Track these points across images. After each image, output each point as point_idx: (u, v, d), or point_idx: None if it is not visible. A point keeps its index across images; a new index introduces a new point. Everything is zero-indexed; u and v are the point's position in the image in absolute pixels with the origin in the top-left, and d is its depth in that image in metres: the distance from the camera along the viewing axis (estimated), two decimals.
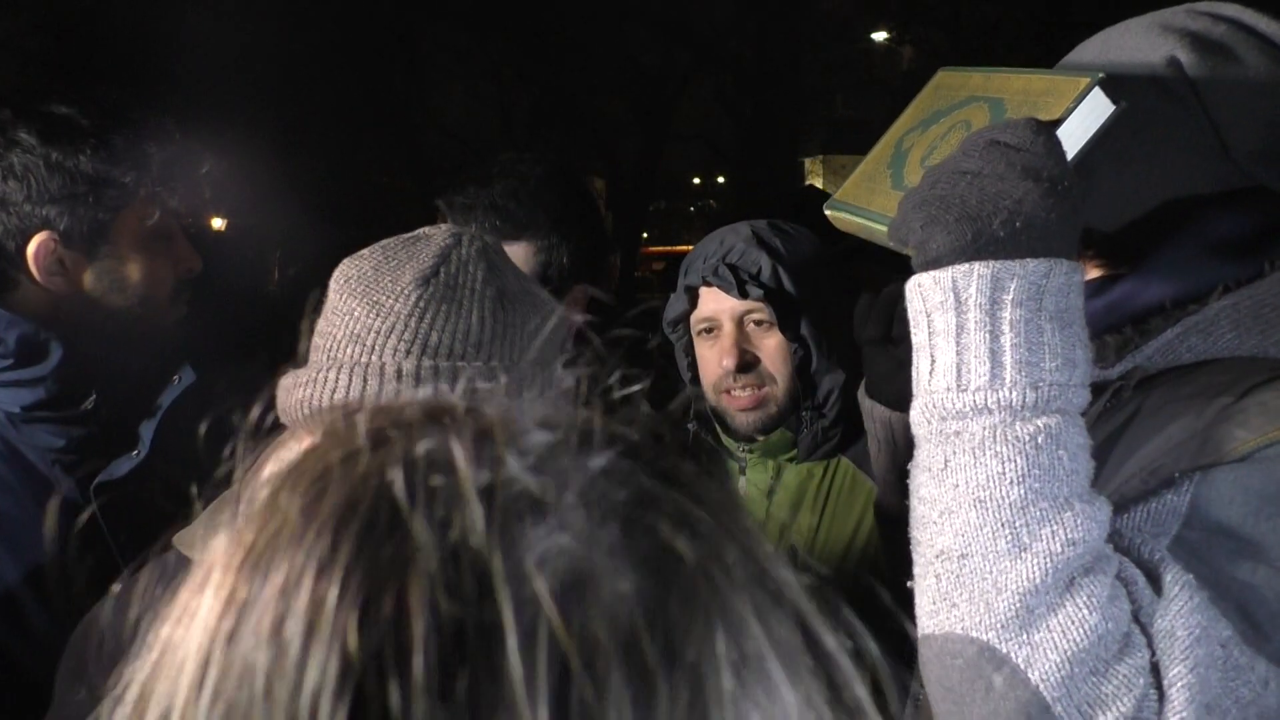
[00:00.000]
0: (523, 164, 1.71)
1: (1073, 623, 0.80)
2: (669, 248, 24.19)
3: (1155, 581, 0.84)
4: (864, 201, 1.09)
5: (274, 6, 11.63)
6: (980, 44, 13.95)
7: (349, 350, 0.94)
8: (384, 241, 1.04)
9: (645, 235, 20.08)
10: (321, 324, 1.00)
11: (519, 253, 1.63)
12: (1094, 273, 1.07)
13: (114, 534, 1.45)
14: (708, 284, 1.64)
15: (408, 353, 0.92)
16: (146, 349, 1.47)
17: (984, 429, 0.84)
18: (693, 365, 1.74)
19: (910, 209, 0.91)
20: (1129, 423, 0.99)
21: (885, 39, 17.01)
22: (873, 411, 1.26)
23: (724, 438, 1.73)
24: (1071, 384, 0.85)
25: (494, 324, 0.95)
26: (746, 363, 1.63)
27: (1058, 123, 0.93)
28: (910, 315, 0.91)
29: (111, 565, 1.45)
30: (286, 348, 1.03)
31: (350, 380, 0.92)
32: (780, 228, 1.70)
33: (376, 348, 0.93)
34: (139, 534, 1.48)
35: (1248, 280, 0.99)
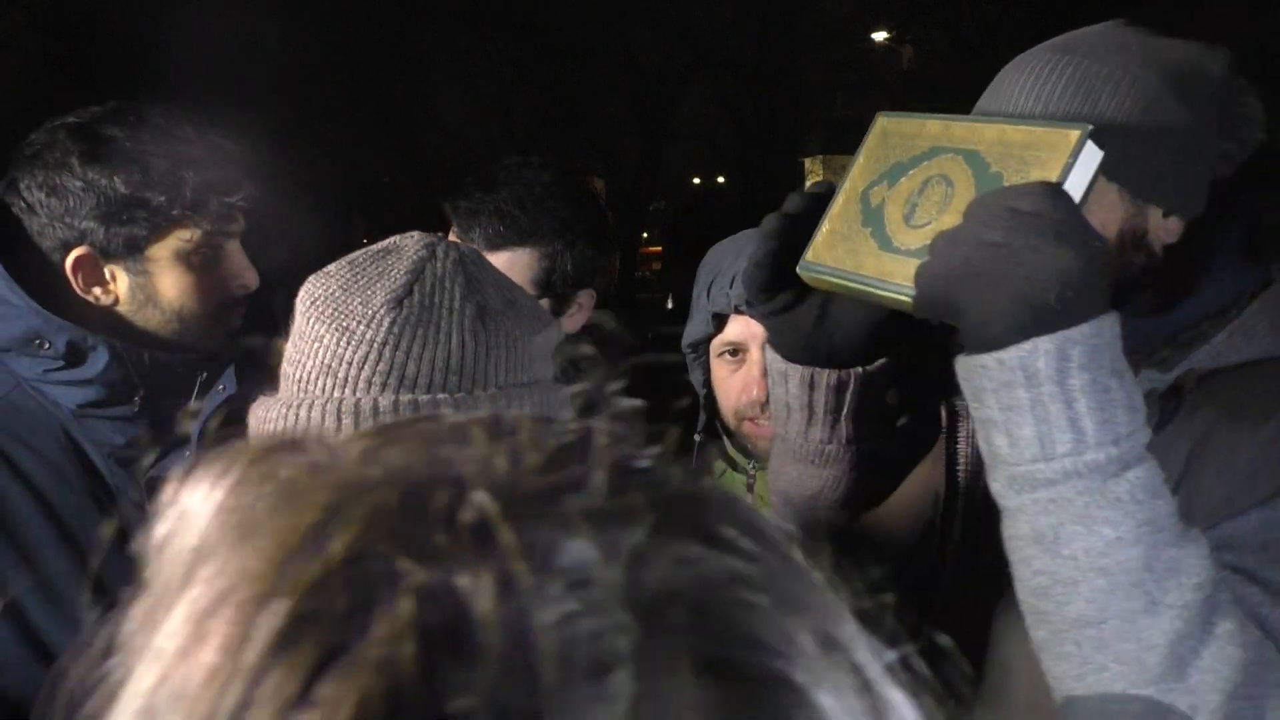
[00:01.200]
0: (529, 169, 1.70)
1: (1220, 660, 0.85)
2: None
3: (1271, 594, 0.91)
4: (849, 265, 1.07)
5: (274, 7, 11.63)
6: (980, 44, 13.95)
7: (320, 383, 0.88)
8: (352, 256, 0.96)
9: (645, 235, 20.08)
10: (289, 349, 0.93)
11: (522, 259, 1.62)
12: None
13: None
14: (739, 312, 1.56)
15: (383, 386, 0.86)
16: (191, 359, 1.54)
17: (1080, 495, 0.87)
18: (707, 383, 1.67)
19: (944, 285, 0.93)
20: (1201, 435, 1.03)
21: (885, 39, 17.01)
22: (788, 373, 1.17)
23: (731, 450, 1.69)
24: (1140, 428, 0.90)
25: (475, 347, 0.88)
26: None
27: (1062, 180, 0.95)
28: (969, 391, 0.94)
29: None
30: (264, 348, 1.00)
31: (324, 419, 0.86)
32: None
33: (349, 380, 0.87)
34: None
35: (1262, 284, 1.06)
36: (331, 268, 0.95)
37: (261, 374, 1.54)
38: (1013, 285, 0.88)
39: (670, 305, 2.45)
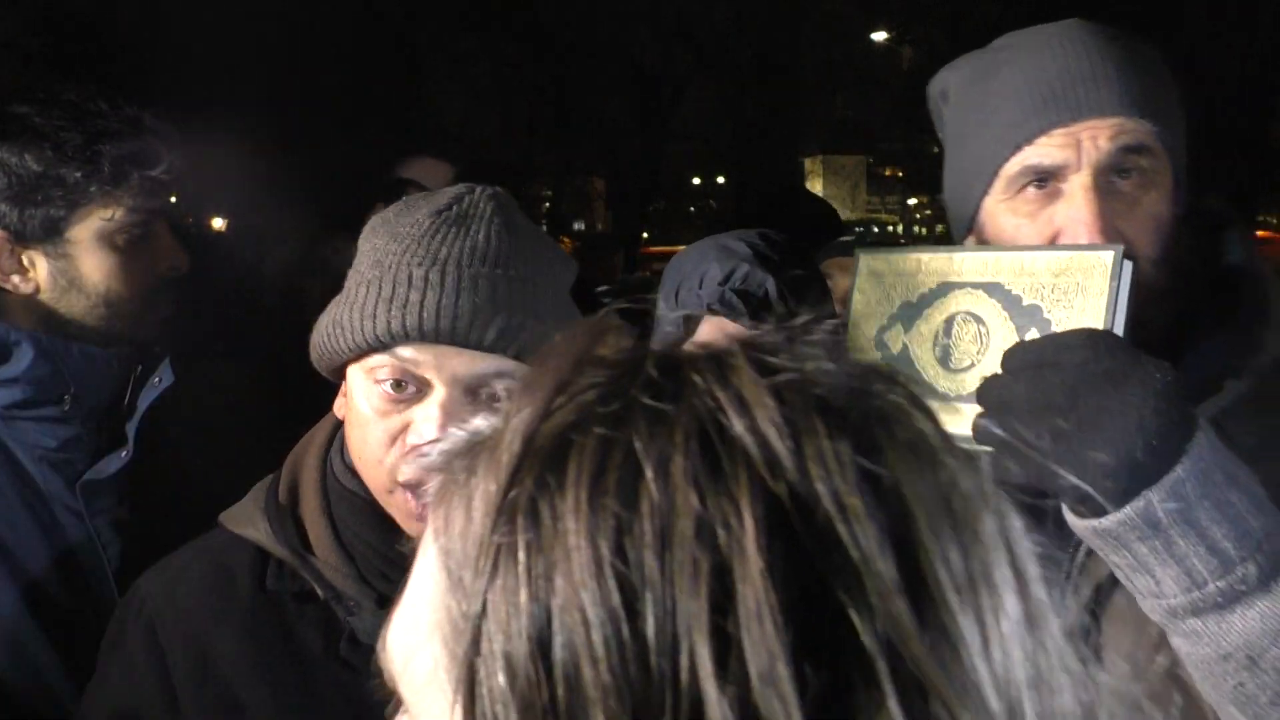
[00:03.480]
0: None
1: None
2: (669, 248, 24.13)
3: None
4: None
5: (274, 8, 11.63)
6: (980, 44, 13.91)
7: (370, 273, 1.04)
8: (405, 198, 1.15)
9: (645, 235, 20.07)
10: (350, 271, 1.09)
11: None
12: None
13: (99, 532, 1.44)
14: (714, 312, 1.53)
15: (419, 263, 1.01)
16: (122, 348, 1.46)
17: (1256, 612, 0.85)
18: None
19: (1019, 459, 0.88)
20: None
21: (885, 39, 17.01)
22: None
23: None
24: (1273, 518, 0.87)
25: (499, 242, 1.04)
26: None
27: (1111, 306, 0.91)
28: (1095, 547, 0.91)
29: (97, 565, 1.44)
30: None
31: (368, 290, 1.01)
32: (772, 239, 1.59)
33: (393, 265, 1.02)
34: (125, 534, 1.47)
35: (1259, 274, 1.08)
36: (389, 207, 1.12)
37: (197, 363, 1.49)
38: (1097, 454, 0.84)
39: None
